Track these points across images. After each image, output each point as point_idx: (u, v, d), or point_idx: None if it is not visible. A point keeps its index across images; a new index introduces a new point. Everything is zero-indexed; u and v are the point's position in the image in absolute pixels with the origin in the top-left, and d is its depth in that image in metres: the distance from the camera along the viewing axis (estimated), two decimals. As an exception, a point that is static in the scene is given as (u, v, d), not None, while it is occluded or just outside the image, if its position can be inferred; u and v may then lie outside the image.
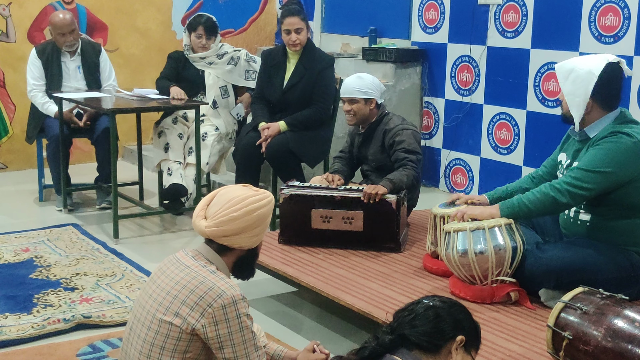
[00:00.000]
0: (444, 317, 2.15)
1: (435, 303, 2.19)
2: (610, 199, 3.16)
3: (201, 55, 5.44)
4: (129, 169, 6.51)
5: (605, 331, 2.44)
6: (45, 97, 5.54)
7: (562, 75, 3.22)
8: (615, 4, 4.91)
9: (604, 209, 3.19)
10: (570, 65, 3.21)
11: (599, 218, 3.21)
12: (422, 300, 2.21)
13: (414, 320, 2.13)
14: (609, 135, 3.13)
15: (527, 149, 5.53)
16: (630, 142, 3.09)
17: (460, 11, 5.95)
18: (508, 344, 2.82)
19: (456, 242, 3.20)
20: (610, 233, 3.19)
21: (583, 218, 3.26)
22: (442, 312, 2.16)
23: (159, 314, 2.33)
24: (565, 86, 3.21)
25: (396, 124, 4.10)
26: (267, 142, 4.82)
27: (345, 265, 3.66)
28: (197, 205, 2.50)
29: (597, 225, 3.22)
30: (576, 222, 3.28)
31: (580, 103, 3.16)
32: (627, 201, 3.15)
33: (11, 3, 6.62)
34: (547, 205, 3.15)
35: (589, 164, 3.11)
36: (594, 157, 3.11)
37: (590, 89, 3.14)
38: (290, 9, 4.94)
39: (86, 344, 3.43)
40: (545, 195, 3.15)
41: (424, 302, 2.19)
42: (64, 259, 4.50)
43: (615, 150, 3.09)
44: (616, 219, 3.18)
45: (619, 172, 3.09)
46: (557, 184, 3.14)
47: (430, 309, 2.16)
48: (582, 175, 3.10)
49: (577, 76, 3.17)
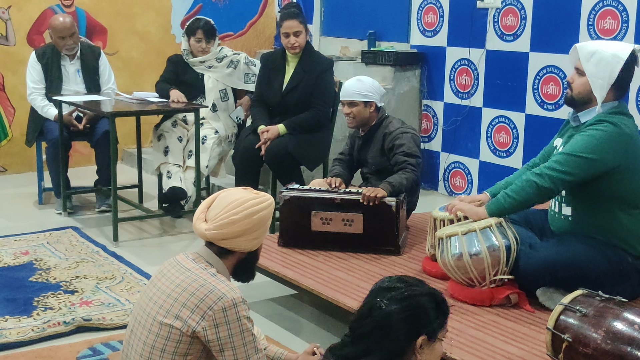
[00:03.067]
0: (397, 325, 2.02)
1: (388, 308, 2.04)
2: (590, 191, 3.16)
3: (201, 59, 5.45)
4: (129, 172, 6.51)
5: (605, 333, 2.44)
6: (45, 100, 5.54)
7: (585, 57, 3.18)
8: (613, 7, 4.92)
9: (585, 202, 3.20)
10: (593, 47, 3.18)
11: (580, 212, 3.22)
12: (375, 304, 2.07)
13: (368, 335, 2.04)
14: (596, 122, 3.14)
15: (526, 152, 5.54)
16: (613, 131, 3.09)
17: (459, 14, 5.96)
18: (507, 347, 2.82)
19: (450, 247, 3.22)
20: (592, 228, 3.19)
21: (565, 212, 3.28)
22: (395, 318, 2.03)
23: (160, 317, 2.34)
24: (588, 67, 3.17)
25: (396, 127, 4.11)
26: (267, 145, 4.83)
27: (345, 268, 3.66)
28: (197, 208, 2.51)
29: (579, 219, 3.23)
30: (560, 217, 3.31)
31: (603, 85, 3.14)
32: (607, 193, 3.14)
33: (11, 6, 6.62)
34: (530, 192, 3.14)
35: (571, 149, 3.12)
36: (577, 143, 3.12)
37: (616, 73, 3.12)
38: (289, 12, 4.95)
39: (86, 346, 3.43)
40: (527, 182, 3.15)
41: (376, 308, 2.05)
42: (64, 262, 4.50)
43: (599, 137, 3.09)
44: (597, 213, 3.18)
45: (600, 160, 3.08)
46: (537, 170, 3.15)
47: (383, 318, 2.03)
48: (564, 159, 3.11)
49: (601, 58, 3.14)
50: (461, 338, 2.87)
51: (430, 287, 2.15)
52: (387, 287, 2.11)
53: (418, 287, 2.12)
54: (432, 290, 2.13)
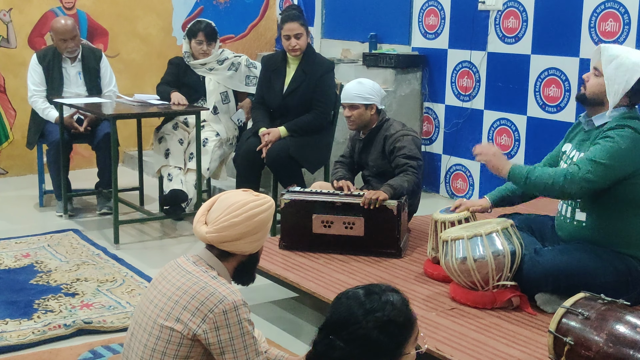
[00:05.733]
0: None
1: (345, 350, 1.86)
2: (607, 196, 3.14)
3: (202, 61, 5.45)
4: (130, 175, 6.51)
5: (607, 337, 2.43)
6: (46, 102, 5.54)
7: (606, 59, 3.17)
8: (615, 10, 4.92)
9: (600, 207, 3.17)
10: (616, 51, 3.17)
11: (594, 217, 3.20)
12: (331, 344, 1.87)
13: None
14: (617, 127, 3.10)
15: (528, 154, 5.53)
16: (636, 137, 3.07)
17: (460, 17, 5.96)
18: (509, 350, 2.81)
19: (454, 250, 3.21)
20: (606, 234, 3.17)
21: (579, 218, 3.25)
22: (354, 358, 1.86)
23: (160, 320, 2.33)
24: (608, 70, 3.16)
25: (397, 129, 4.10)
26: (268, 147, 4.83)
27: (346, 271, 3.66)
28: (197, 211, 2.50)
29: (593, 225, 3.20)
30: (572, 223, 3.27)
31: (618, 91, 3.13)
32: (622, 198, 3.13)
33: (12, 9, 6.62)
34: (555, 188, 3.10)
35: (599, 156, 3.06)
36: (603, 149, 3.07)
37: (633, 82, 3.11)
38: (290, 15, 4.95)
39: (87, 349, 3.43)
40: (559, 176, 3.09)
41: (334, 348, 1.87)
42: (65, 265, 4.49)
43: (624, 144, 3.06)
44: (612, 219, 3.16)
45: (621, 167, 3.06)
46: (571, 173, 3.08)
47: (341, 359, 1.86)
48: (593, 169, 3.06)
49: (621, 64, 3.13)
50: (463, 341, 2.87)
51: (384, 309, 1.90)
52: (342, 323, 1.90)
53: (372, 317, 1.88)
54: (388, 313, 1.89)
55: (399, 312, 1.92)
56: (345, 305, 1.93)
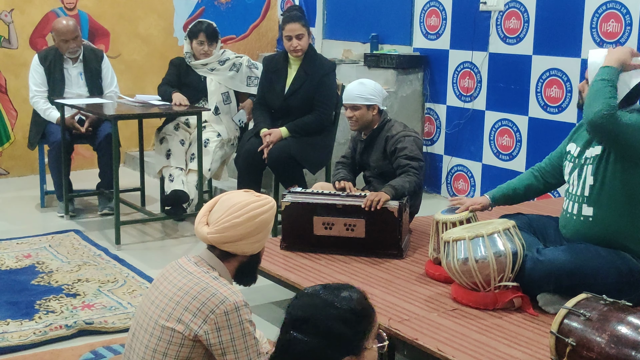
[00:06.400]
0: (316, 358, 1.85)
1: (303, 343, 1.85)
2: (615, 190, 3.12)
3: (203, 62, 5.45)
4: (131, 175, 6.51)
5: (609, 337, 2.43)
6: (47, 103, 5.54)
7: (592, 68, 3.17)
8: (617, 10, 4.91)
9: (609, 201, 3.14)
10: (596, 58, 3.17)
11: (603, 211, 3.17)
12: (291, 339, 1.87)
13: None
14: None
15: (529, 155, 5.53)
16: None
17: (461, 17, 5.95)
18: (511, 350, 2.81)
19: (456, 251, 3.20)
20: (612, 230, 3.15)
21: (586, 213, 3.22)
22: (312, 354, 1.85)
23: (162, 320, 2.33)
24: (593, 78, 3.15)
25: (398, 130, 4.10)
26: (269, 148, 4.82)
27: (348, 272, 3.65)
28: (199, 212, 2.50)
29: (600, 220, 3.17)
30: (579, 219, 3.25)
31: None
32: (631, 192, 3.11)
33: (13, 9, 6.63)
34: (602, 95, 3.03)
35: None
36: None
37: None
38: (292, 15, 4.95)
39: (88, 350, 3.43)
40: (611, 100, 3.01)
41: (293, 342, 1.86)
42: (66, 265, 4.49)
43: None
44: (620, 213, 3.13)
45: None
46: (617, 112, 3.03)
47: (300, 354, 1.85)
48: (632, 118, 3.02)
49: None
50: (464, 342, 2.86)
51: (342, 301, 1.92)
52: (300, 318, 1.90)
53: (331, 308, 1.89)
54: (347, 303, 1.91)
55: (357, 302, 1.94)
56: (304, 301, 1.95)
